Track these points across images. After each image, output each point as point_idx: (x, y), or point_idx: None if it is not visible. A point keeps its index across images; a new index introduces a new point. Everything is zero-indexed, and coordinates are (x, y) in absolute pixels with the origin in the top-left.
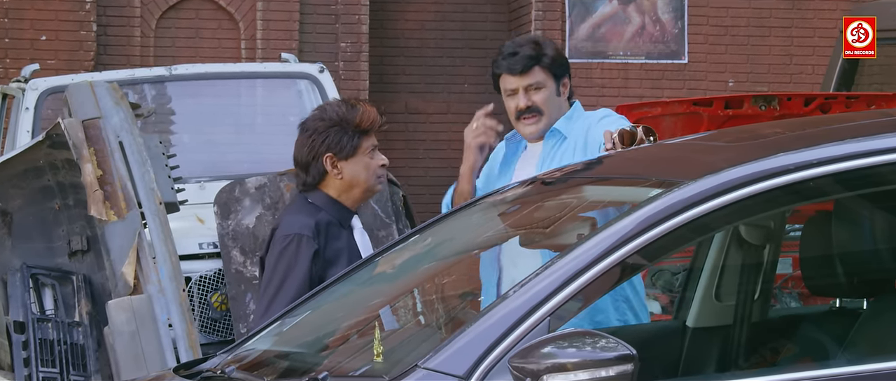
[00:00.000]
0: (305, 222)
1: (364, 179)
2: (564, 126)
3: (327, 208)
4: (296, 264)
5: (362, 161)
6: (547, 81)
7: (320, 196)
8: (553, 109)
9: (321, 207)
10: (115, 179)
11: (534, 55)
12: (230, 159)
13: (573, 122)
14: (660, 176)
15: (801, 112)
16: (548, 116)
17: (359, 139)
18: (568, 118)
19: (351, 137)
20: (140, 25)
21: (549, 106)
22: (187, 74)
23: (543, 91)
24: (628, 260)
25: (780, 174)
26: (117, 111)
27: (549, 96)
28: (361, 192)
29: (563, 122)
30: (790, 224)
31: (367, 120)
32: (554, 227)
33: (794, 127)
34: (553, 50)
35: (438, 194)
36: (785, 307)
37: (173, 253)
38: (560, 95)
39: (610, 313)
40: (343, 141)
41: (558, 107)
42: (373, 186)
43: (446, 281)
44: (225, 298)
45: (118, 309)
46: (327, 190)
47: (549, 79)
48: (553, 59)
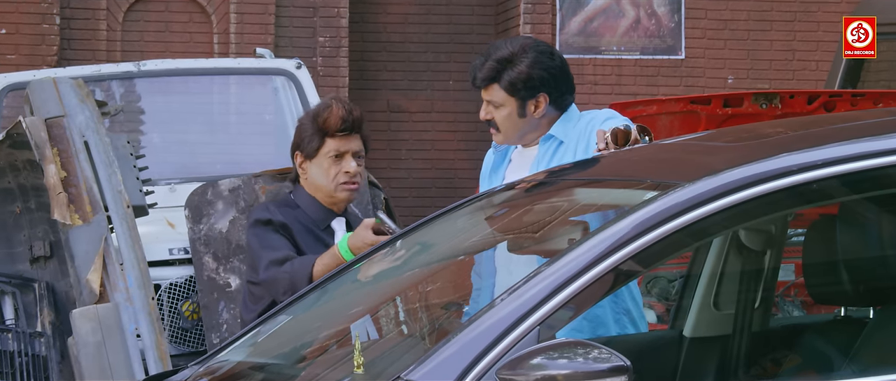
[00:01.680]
0: (272, 210)
1: (323, 185)
2: (560, 130)
3: (306, 207)
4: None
5: (322, 164)
6: (506, 101)
7: (301, 193)
8: (512, 128)
9: (300, 204)
10: (80, 180)
11: (493, 72)
12: (202, 160)
13: (570, 124)
14: (655, 178)
15: (804, 110)
16: (505, 134)
17: (320, 141)
18: (564, 121)
19: (312, 137)
20: (106, 18)
21: (507, 125)
22: (156, 70)
23: (501, 110)
24: (622, 266)
25: (782, 176)
26: (82, 109)
27: (506, 117)
28: (326, 196)
29: (558, 126)
30: (792, 229)
31: (328, 121)
32: (544, 231)
33: (797, 126)
34: (524, 68)
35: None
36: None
37: (142, 259)
38: (526, 116)
39: (610, 326)
40: (305, 140)
41: (521, 126)
42: (333, 194)
43: (431, 288)
44: (196, 306)
45: (83, 319)
46: (306, 187)
47: (508, 99)
48: (515, 81)
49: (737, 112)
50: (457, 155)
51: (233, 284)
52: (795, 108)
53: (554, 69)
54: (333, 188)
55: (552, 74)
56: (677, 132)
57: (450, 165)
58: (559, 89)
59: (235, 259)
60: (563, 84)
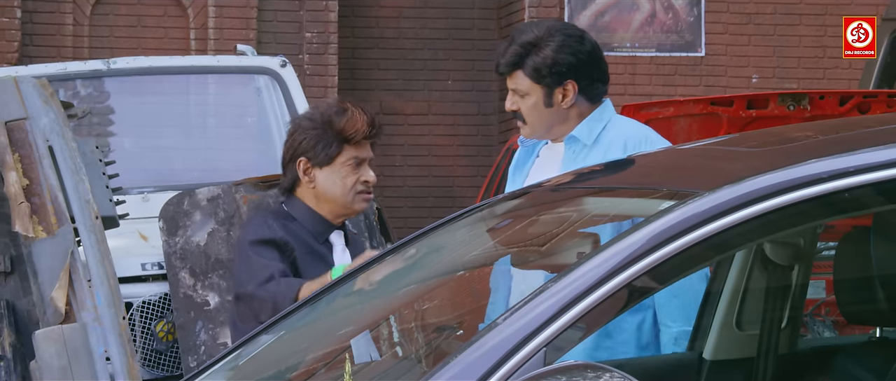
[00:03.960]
0: (271, 225)
1: (338, 195)
2: (586, 131)
3: (303, 219)
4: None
5: (339, 173)
6: (531, 90)
7: (296, 204)
8: (538, 119)
9: (296, 216)
10: (44, 189)
11: (517, 58)
12: (178, 167)
13: (598, 125)
14: (672, 186)
15: (835, 113)
16: (531, 126)
17: (339, 148)
18: (592, 122)
19: (329, 143)
20: (72, 12)
21: (534, 117)
22: (128, 69)
23: (527, 99)
24: (636, 282)
25: (812, 184)
26: (46, 111)
27: (532, 106)
28: (336, 207)
29: (583, 127)
30: (823, 242)
31: (351, 128)
32: (550, 244)
33: (828, 130)
34: (550, 52)
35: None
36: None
37: (112, 275)
38: (553, 106)
39: (620, 337)
40: (319, 147)
41: (548, 117)
42: (350, 205)
43: (428, 306)
44: (172, 327)
45: (47, 340)
46: (304, 198)
47: (533, 87)
48: (539, 66)
49: (761, 114)
50: (456, 161)
51: (211, 302)
52: (826, 109)
53: (583, 54)
54: (351, 199)
55: (581, 60)
56: (696, 136)
57: (449, 172)
58: (589, 77)
59: (214, 275)
60: (593, 71)
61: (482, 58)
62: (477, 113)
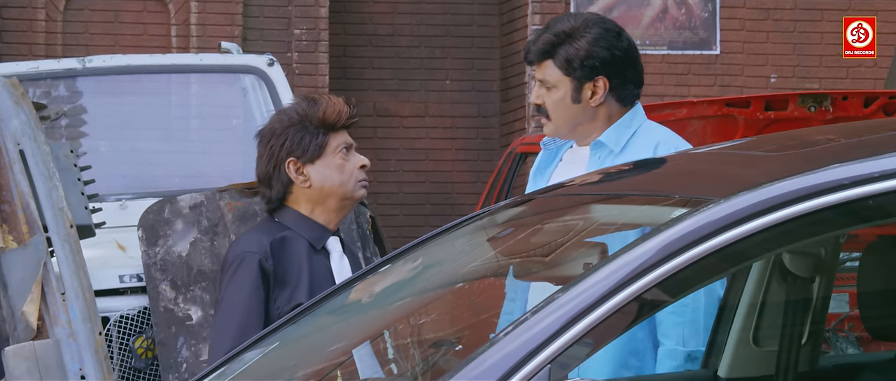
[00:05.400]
0: (258, 239)
1: (339, 183)
2: (614, 138)
3: (296, 227)
4: (240, 291)
5: (333, 162)
6: (560, 82)
7: (289, 214)
8: (564, 115)
9: (289, 226)
10: (15, 196)
11: (549, 46)
12: (158, 172)
13: (628, 132)
14: (685, 193)
15: (859, 114)
16: (555, 123)
17: (325, 136)
18: (621, 127)
19: (315, 134)
20: (45, 7)
21: (559, 112)
22: (104, 68)
23: (554, 92)
24: (646, 295)
25: (834, 191)
26: (17, 113)
27: (559, 100)
28: (338, 200)
29: (611, 132)
30: (846, 252)
31: (332, 113)
32: (555, 255)
33: (851, 133)
34: (585, 43)
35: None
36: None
37: (87, 288)
38: (581, 102)
39: (648, 356)
40: (306, 140)
41: (575, 114)
42: (352, 192)
43: (424, 320)
44: (151, 343)
45: (18, 357)
46: (296, 206)
47: (563, 79)
48: (572, 57)
49: (780, 116)
50: (455, 166)
51: (194, 316)
52: (850, 111)
53: (618, 51)
54: (352, 186)
55: (615, 56)
56: (711, 139)
57: (447, 177)
58: (622, 75)
59: (197, 288)
60: (628, 70)
61: (482, 56)
62: (477, 115)
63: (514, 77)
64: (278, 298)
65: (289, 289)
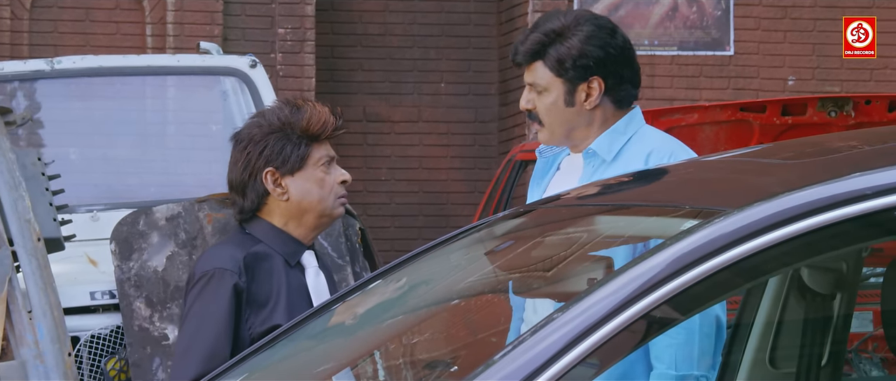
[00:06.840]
0: (231, 253)
1: (318, 199)
2: (606, 145)
3: (270, 241)
4: (209, 309)
5: (314, 176)
6: (551, 84)
7: (261, 226)
8: (557, 120)
9: (261, 238)
10: None
11: (538, 46)
12: (132, 182)
13: (622, 139)
14: (696, 203)
15: (883, 120)
16: (549, 129)
17: (307, 148)
18: (615, 133)
19: (297, 145)
20: (10, 5)
21: (552, 117)
22: (74, 69)
23: (545, 96)
24: (655, 313)
25: (856, 201)
26: None
27: (551, 104)
28: (316, 217)
29: (603, 140)
30: (869, 267)
31: (317, 122)
32: (556, 271)
33: (874, 139)
34: (576, 42)
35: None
36: (863, 376)
37: (56, 305)
38: (574, 105)
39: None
40: (287, 150)
41: (568, 119)
42: (331, 209)
43: (417, 339)
44: (125, 364)
45: None
46: (270, 218)
47: (554, 81)
48: (563, 57)
49: (798, 121)
50: (450, 175)
51: (170, 336)
52: (873, 116)
53: (613, 49)
54: (331, 203)
55: (610, 55)
56: (724, 146)
57: (441, 187)
58: (618, 75)
59: (174, 305)
60: (623, 69)
61: (479, 58)
62: (473, 120)
63: (513, 80)
64: (250, 318)
65: (265, 310)
